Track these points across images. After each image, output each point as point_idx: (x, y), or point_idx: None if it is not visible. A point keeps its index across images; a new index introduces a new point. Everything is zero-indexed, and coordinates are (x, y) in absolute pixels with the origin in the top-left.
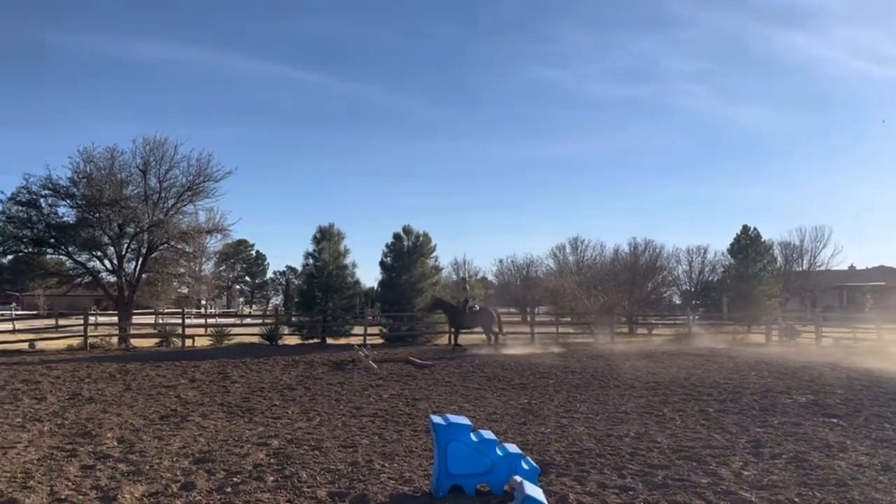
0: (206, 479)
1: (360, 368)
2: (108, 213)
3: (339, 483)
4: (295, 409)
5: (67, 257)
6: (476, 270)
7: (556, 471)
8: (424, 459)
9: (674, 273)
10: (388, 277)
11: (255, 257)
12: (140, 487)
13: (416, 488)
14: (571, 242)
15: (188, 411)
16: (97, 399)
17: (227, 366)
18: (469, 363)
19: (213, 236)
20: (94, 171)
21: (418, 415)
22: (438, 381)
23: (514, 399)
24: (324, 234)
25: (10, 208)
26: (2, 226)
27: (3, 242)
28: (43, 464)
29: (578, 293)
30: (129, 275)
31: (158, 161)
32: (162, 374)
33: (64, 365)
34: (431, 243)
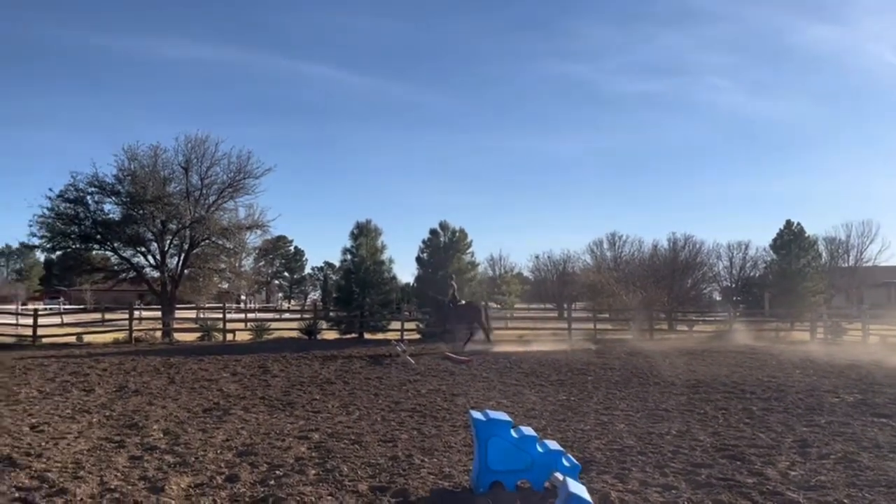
0: (250, 471)
1: (397, 363)
2: (151, 209)
3: (379, 477)
4: (334, 403)
5: (113, 253)
6: (512, 266)
7: (596, 468)
8: (464, 455)
9: (714, 269)
10: (424, 273)
11: (294, 253)
12: (186, 479)
13: (456, 483)
14: (609, 238)
15: (230, 405)
16: (143, 392)
17: (268, 360)
18: (506, 359)
19: (253, 232)
20: (138, 169)
21: (456, 410)
22: (476, 377)
23: (553, 395)
24: (361, 230)
25: (59, 205)
26: (51, 223)
27: (52, 239)
28: (92, 454)
29: (616, 289)
30: (172, 270)
31: (200, 158)
32: (204, 368)
33: (110, 358)
34: (467, 239)
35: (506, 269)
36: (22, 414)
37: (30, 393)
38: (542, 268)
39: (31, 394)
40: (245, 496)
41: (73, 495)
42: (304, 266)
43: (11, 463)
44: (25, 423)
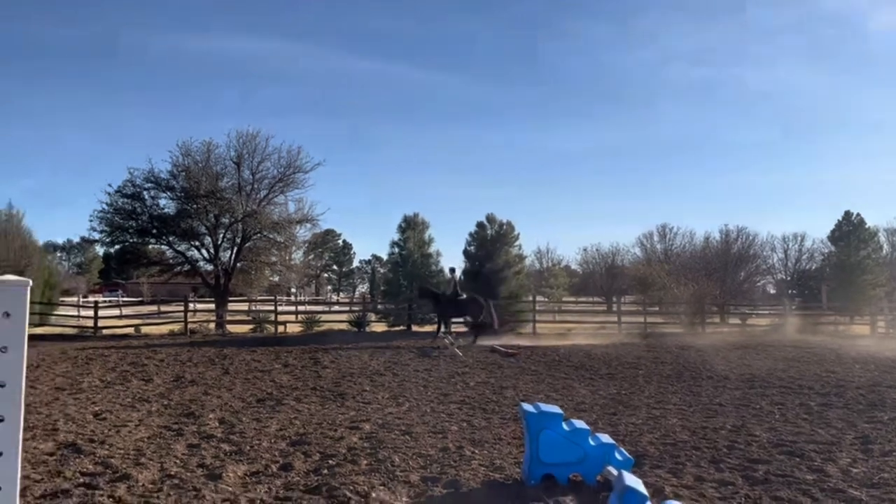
0: (303, 460)
1: (445, 356)
2: (205, 204)
3: (430, 468)
4: (384, 394)
5: (168, 247)
6: (559, 259)
7: (649, 462)
8: (514, 447)
9: (768, 261)
10: (471, 266)
11: (342, 246)
12: (242, 467)
13: (507, 475)
14: (659, 230)
15: (283, 395)
16: (198, 381)
17: (318, 351)
18: (554, 353)
19: (303, 226)
20: (192, 165)
21: (505, 403)
22: (524, 370)
23: (603, 389)
24: (409, 224)
25: (117, 201)
26: (109, 217)
27: (111, 233)
28: (153, 442)
29: (667, 282)
30: (225, 263)
31: (251, 154)
32: (257, 359)
33: (167, 349)
34: (515, 232)
35: (553, 261)
36: (85, 402)
37: (92, 382)
38: (591, 260)
39: (94, 383)
40: (299, 485)
41: (135, 481)
42: (353, 259)
43: (76, 449)
44: (89, 412)
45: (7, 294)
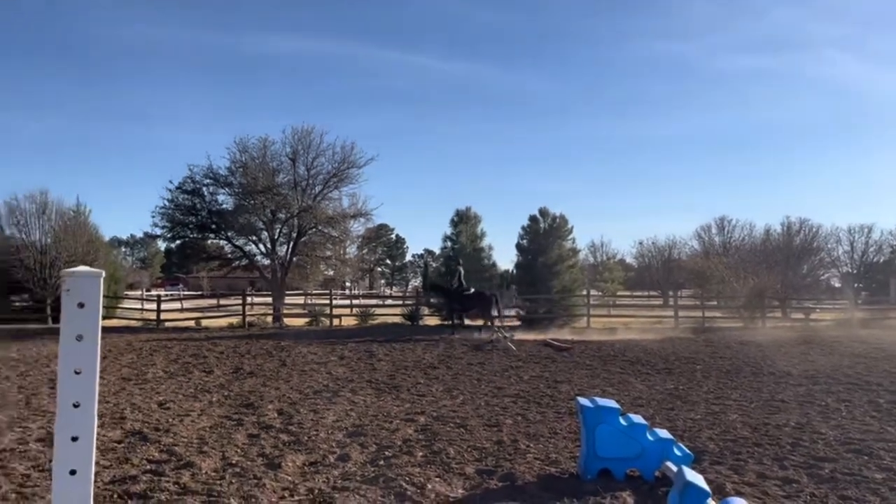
0: (360, 451)
1: (498, 350)
2: (261, 199)
3: (485, 461)
4: (438, 387)
5: (227, 242)
6: (614, 253)
7: (709, 458)
8: (570, 441)
9: (833, 254)
10: (524, 260)
11: (395, 241)
12: (300, 457)
13: (562, 469)
14: (717, 222)
15: (339, 387)
16: (257, 373)
17: (372, 344)
18: (609, 347)
19: (357, 221)
20: (249, 161)
21: (560, 397)
22: (579, 364)
23: (660, 384)
24: (461, 218)
25: (178, 197)
26: (171, 213)
27: (172, 229)
28: (214, 431)
29: (726, 275)
30: (281, 258)
31: (306, 149)
32: (313, 352)
33: (226, 341)
34: (568, 225)
35: (608, 255)
36: (150, 392)
37: (156, 373)
38: (646, 254)
39: (158, 374)
40: (356, 475)
41: (198, 469)
42: (405, 253)
43: (143, 437)
44: (153, 401)
45: (81, 285)
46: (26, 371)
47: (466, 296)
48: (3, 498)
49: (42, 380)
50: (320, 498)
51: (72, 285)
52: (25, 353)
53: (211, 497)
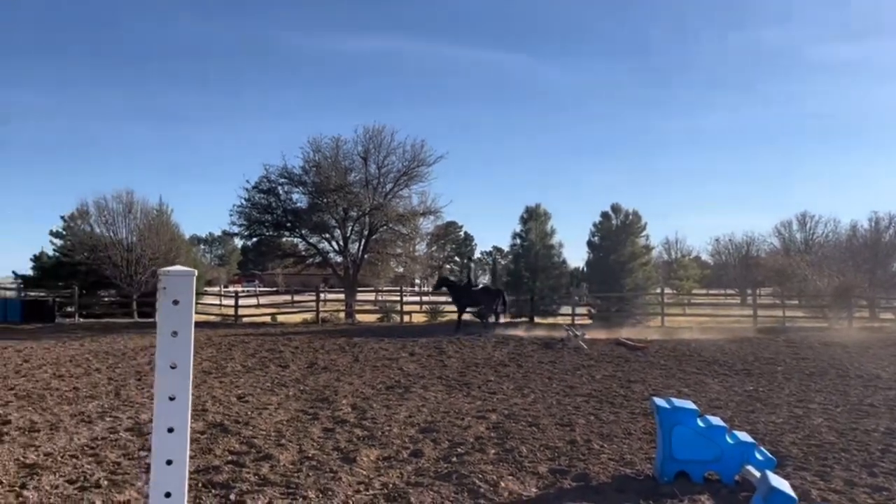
0: (433, 447)
1: (569, 348)
2: (334, 198)
3: (559, 460)
4: (509, 385)
5: (301, 239)
6: (689, 250)
7: (792, 464)
8: (645, 442)
9: None
10: (595, 257)
11: (464, 238)
12: (374, 451)
13: (638, 471)
14: (799, 218)
15: (410, 383)
16: (331, 368)
17: (442, 341)
18: (685, 347)
19: (426, 218)
20: (322, 160)
21: (634, 397)
22: (653, 364)
23: (738, 385)
24: (531, 215)
25: (254, 196)
26: (248, 212)
27: (249, 227)
28: (291, 425)
29: (808, 273)
30: (353, 255)
31: (377, 148)
32: (384, 348)
33: (300, 337)
34: (641, 221)
35: (682, 252)
36: (229, 386)
37: (235, 367)
38: (723, 251)
39: (236, 368)
40: (429, 471)
41: (277, 461)
42: (474, 251)
43: (224, 429)
44: (233, 394)
45: (176, 283)
46: (115, 363)
47: (474, 291)
48: (96, 484)
49: (129, 372)
50: (394, 493)
51: (167, 283)
52: (114, 346)
53: (289, 489)
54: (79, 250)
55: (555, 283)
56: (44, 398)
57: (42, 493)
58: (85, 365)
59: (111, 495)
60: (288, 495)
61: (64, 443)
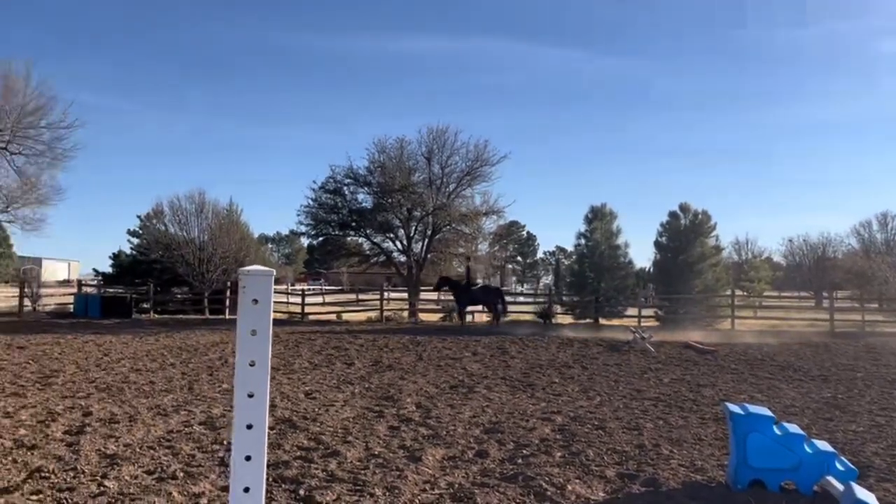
0: (498, 448)
1: (636, 351)
2: (398, 198)
3: (626, 465)
4: (574, 387)
5: (366, 239)
6: (760, 250)
7: (875, 475)
8: (716, 449)
9: None
10: (663, 258)
11: (526, 238)
12: (440, 451)
13: (709, 478)
14: (879, 218)
15: (474, 383)
16: (395, 367)
17: (505, 341)
18: (757, 350)
19: (489, 218)
20: (387, 161)
21: (704, 402)
22: (723, 368)
23: (815, 392)
24: (596, 214)
25: (321, 196)
26: (314, 212)
27: (316, 226)
28: (357, 422)
29: (890, 276)
30: (417, 254)
31: (441, 148)
32: (448, 347)
33: (365, 335)
34: (711, 221)
35: (754, 253)
36: (297, 382)
37: (302, 364)
38: (797, 252)
39: (303, 364)
40: (495, 472)
41: (344, 458)
42: (536, 251)
43: (292, 425)
44: (300, 391)
45: (256, 282)
46: (188, 359)
47: (473, 290)
48: (172, 476)
49: (202, 367)
50: (460, 493)
51: (247, 283)
52: (187, 341)
53: (357, 485)
54: (154, 249)
55: (620, 284)
56: (122, 391)
57: (122, 482)
58: (160, 360)
59: (187, 486)
60: (356, 492)
61: (142, 435)
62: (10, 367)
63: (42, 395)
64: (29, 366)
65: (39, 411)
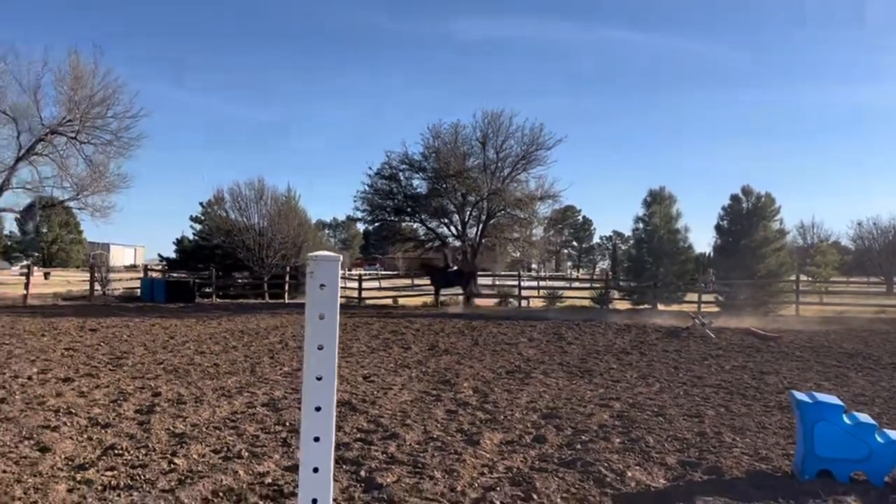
0: (555, 433)
1: (695, 337)
2: (453, 183)
3: (688, 452)
4: (632, 373)
5: (420, 224)
6: (827, 234)
7: None
8: (781, 437)
9: None
10: (724, 242)
11: (582, 222)
12: (497, 435)
13: (774, 467)
14: None
15: (530, 368)
16: (451, 351)
17: (561, 327)
18: (823, 337)
19: (544, 202)
20: (442, 146)
21: (767, 389)
22: (787, 355)
23: (886, 380)
24: (654, 198)
25: (376, 182)
26: (370, 197)
27: (372, 212)
28: (415, 405)
29: None
30: (471, 240)
31: (495, 133)
32: (503, 332)
33: (421, 319)
34: (775, 205)
35: (820, 237)
36: (355, 366)
37: (360, 347)
38: (866, 236)
39: (361, 348)
40: (553, 457)
41: (403, 440)
42: (592, 235)
43: (352, 408)
44: (359, 374)
45: (323, 268)
46: (249, 342)
47: (449, 273)
48: (238, 455)
49: (263, 350)
50: (519, 477)
51: (315, 268)
52: (248, 325)
53: (416, 468)
54: (215, 234)
55: (680, 269)
56: (188, 373)
57: (191, 461)
58: (223, 342)
59: (252, 466)
60: (415, 474)
61: (208, 415)
62: (84, 349)
63: (114, 376)
64: (101, 347)
65: (111, 391)
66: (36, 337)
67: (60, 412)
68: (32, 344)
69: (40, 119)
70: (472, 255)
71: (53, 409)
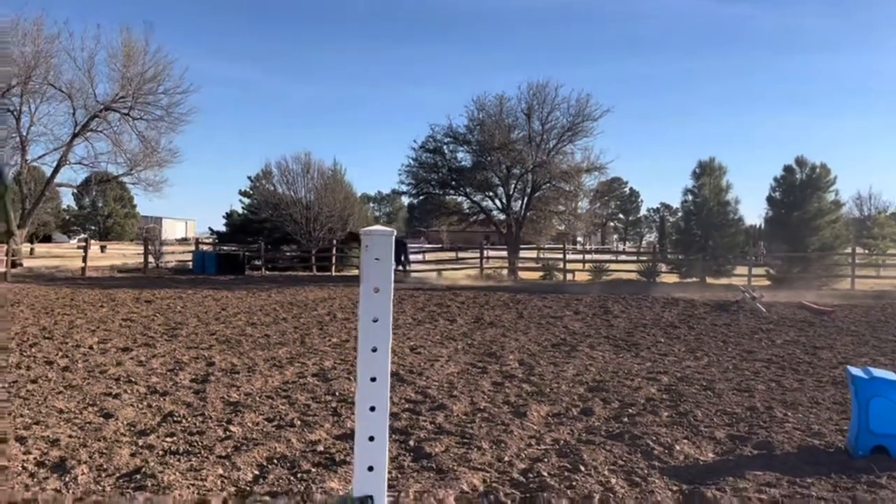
0: (602, 406)
1: (745, 311)
2: (497, 156)
3: (737, 427)
4: (680, 347)
5: (465, 197)
6: (885, 205)
7: None
8: (834, 413)
9: None
10: (776, 214)
11: (629, 195)
12: (544, 407)
13: (827, 443)
14: None
15: (576, 341)
16: (496, 324)
17: (607, 300)
18: (880, 312)
19: (590, 175)
20: (486, 119)
21: (821, 364)
22: (842, 330)
23: None
24: (704, 169)
25: (421, 155)
26: (415, 171)
27: (416, 185)
28: (462, 377)
29: None
30: (516, 213)
31: (541, 104)
32: (548, 305)
33: (465, 292)
34: (830, 175)
35: (877, 209)
36: (402, 338)
37: (406, 320)
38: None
39: (407, 321)
40: (600, 430)
41: (450, 411)
42: (639, 208)
43: (399, 379)
44: (406, 346)
45: (377, 242)
46: (298, 314)
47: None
48: (290, 423)
49: (312, 322)
50: (566, 449)
51: (370, 242)
52: (297, 297)
53: (464, 438)
54: (264, 208)
55: (730, 242)
56: (240, 343)
57: (245, 428)
58: (273, 314)
59: (304, 434)
60: (463, 444)
61: (260, 385)
62: (140, 320)
63: (169, 346)
64: (156, 318)
65: (168, 361)
66: (95, 308)
67: (121, 380)
68: (92, 315)
69: (94, 96)
70: (517, 228)
71: (114, 378)
